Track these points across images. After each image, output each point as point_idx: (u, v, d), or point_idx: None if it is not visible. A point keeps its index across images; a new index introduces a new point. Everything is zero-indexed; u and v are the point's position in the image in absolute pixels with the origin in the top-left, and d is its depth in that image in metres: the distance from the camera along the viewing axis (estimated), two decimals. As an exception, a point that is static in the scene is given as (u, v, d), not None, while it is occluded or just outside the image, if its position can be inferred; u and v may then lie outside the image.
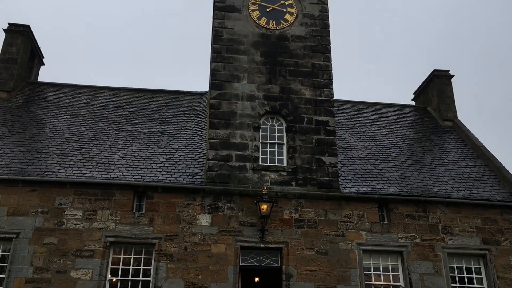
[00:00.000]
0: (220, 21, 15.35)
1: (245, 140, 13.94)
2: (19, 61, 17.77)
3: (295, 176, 13.65)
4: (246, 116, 14.21)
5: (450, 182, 14.93)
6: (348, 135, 17.21)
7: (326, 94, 14.80)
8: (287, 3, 15.89)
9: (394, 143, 17.05)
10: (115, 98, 18.22)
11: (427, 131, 18.34)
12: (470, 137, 17.56)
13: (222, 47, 14.99)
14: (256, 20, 15.44)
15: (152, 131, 16.03)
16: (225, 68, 14.71)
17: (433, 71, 20.16)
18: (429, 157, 16.34)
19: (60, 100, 17.55)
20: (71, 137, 15.19)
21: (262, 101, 14.46)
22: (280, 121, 14.48)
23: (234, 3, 15.63)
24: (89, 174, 13.38)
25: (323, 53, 15.33)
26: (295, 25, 15.62)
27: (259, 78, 14.72)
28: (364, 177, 14.68)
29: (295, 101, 14.58)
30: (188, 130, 16.27)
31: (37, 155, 14.00)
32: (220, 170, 13.46)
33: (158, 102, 18.20)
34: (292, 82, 14.80)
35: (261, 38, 15.26)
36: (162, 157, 14.57)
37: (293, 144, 14.05)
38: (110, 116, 16.79)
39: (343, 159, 15.48)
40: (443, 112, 19.22)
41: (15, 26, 18.34)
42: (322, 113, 14.56)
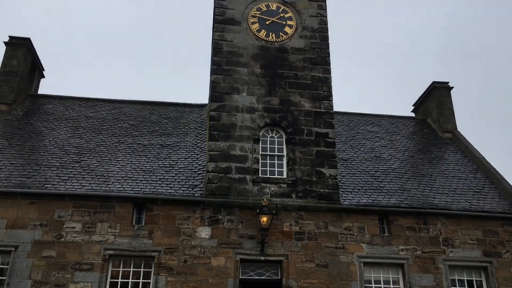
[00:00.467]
0: (220, 34, 15.43)
1: (245, 152, 13.94)
2: (19, 73, 17.84)
3: (295, 188, 13.63)
4: (245, 128, 14.23)
5: (451, 194, 14.90)
6: (348, 147, 17.21)
7: (326, 106, 14.83)
8: (286, 16, 15.99)
9: (394, 154, 17.05)
10: (115, 110, 18.26)
11: (427, 143, 18.35)
12: (470, 148, 17.57)
13: (222, 59, 15.05)
14: (256, 33, 15.53)
15: (152, 143, 16.03)
16: (225, 81, 14.76)
17: (432, 83, 20.23)
18: (429, 168, 16.33)
19: (60, 113, 17.58)
20: (70, 150, 15.19)
21: (262, 113, 14.49)
22: (280, 133, 14.49)
23: (234, 16, 15.73)
24: (89, 186, 13.35)
25: (322, 65, 15.39)
26: (294, 38, 15.70)
27: (258, 90, 14.77)
28: (364, 189, 14.65)
29: (295, 113, 14.60)
30: (188, 142, 16.28)
31: (36, 168, 13.98)
32: (220, 182, 13.43)
33: (158, 114, 18.23)
34: (291, 94, 14.84)
35: (261, 51, 15.33)
36: (162, 169, 14.56)
37: (293, 156, 14.05)
38: (110, 129, 16.81)
39: (343, 171, 15.46)
40: (442, 124, 19.25)
41: (15, 39, 18.44)
42: (322, 125, 14.58)
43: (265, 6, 16.03)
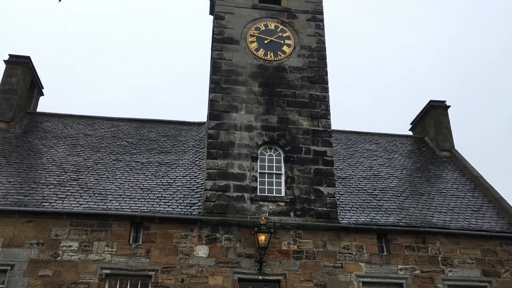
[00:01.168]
0: (219, 53, 15.55)
1: (243, 170, 13.94)
2: (18, 91, 17.90)
3: (293, 206, 13.59)
4: (244, 146, 14.25)
5: (449, 213, 14.87)
6: (346, 165, 17.22)
7: (324, 124, 14.88)
8: (284, 35, 16.14)
9: (392, 173, 17.06)
10: (114, 128, 18.28)
11: (424, 161, 18.38)
12: (468, 167, 17.59)
13: (221, 78, 15.14)
14: (254, 52, 15.66)
15: (150, 161, 16.02)
16: (223, 99, 14.83)
17: (429, 101, 20.35)
18: (427, 187, 16.33)
19: (59, 130, 17.60)
20: (68, 168, 15.16)
21: (260, 131, 14.53)
22: (278, 151, 14.51)
23: (233, 35, 15.88)
24: (86, 204, 13.30)
25: (320, 84, 15.49)
26: (292, 57, 15.83)
27: (257, 109, 14.83)
28: (363, 207, 14.62)
29: (293, 131, 14.65)
30: (186, 160, 16.27)
31: (34, 186, 13.94)
32: (218, 201, 13.40)
33: (156, 132, 18.26)
34: (290, 113, 14.90)
35: (259, 69, 15.44)
36: (160, 187, 14.53)
37: (291, 174, 14.04)
38: (108, 146, 16.81)
39: (341, 189, 15.44)
40: (440, 143, 19.30)
41: (15, 58, 18.55)
42: (320, 143, 14.61)
43: (263, 25, 16.19)
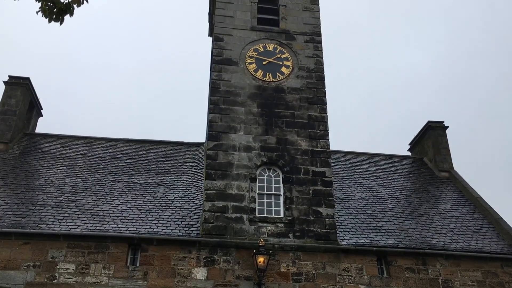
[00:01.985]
0: (218, 74, 15.65)
1: (241, 191, 13.88)
2: (17, 112, 17.94)
3: (292, 228, 13.49)
4: (242, 167, 14.22)
5: (449, 234, 14.78)
6: (345, 186, 17.17)
7: (323, 145, 14.89)
8: (283, 57, 16.27)
9: (391, 194, 17.00)
10: (112, 148, 18.27)
11: (424, 182, 18.34)
12: (467, 188, 17.55)
13: (219, 98, 15.20)
14: (253, 73, 15.75)
15: (148, 182, 15.97)
16: (222, 119, 14.86)
17: (427, 122, 20.41)
18: (426, 208, 16.26)
19: (57, 151, 17.58)
20: (66, 189, 15.10)
21: (258, 152, 14.52)
22: (277, 172, 14.47)
23: (232, 57, 16.00)
24: (83, 226, 13.20)
25: (319, 105, 15.55)
26: (291, 78, 15.92)
27: (255, 129, 14.85)
28: (362, 228, 14.53)
29: (292, 152, 14.64)
30: (184, 181, 16.22)
31: (31, 207, 13.85)
32: (216, 222, 13.30)
33: (155, 152, 18.24)
34: (288, 133, 14.92)
35: (258, 90, 15.51)
36: (158, 208, 14.44)
37: (290, 195, 13.98)
38: (106, 167, 16.77)
39: (340, 210, 15.37)
40: (439, 163, 19.29)
41: (15, 79, 18.63)
42: (318, 164, 14.59)
43: (262, 47, 16.33)
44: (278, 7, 17.37)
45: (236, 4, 16.99)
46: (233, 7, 16.90)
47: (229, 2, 16.92)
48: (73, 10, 5.48)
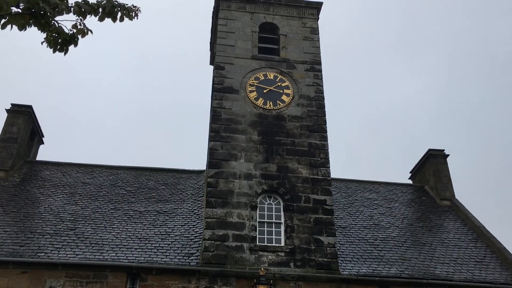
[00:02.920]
0: (219, 102, 15.75)
1: (242, 219, 13.79)
2: (19, 140, 17.98)
3: (293, 257, 13.35)
4: (243, 195, 14.16)
5: (452, 264, 14.59)
6: (346, 214, 17.06)
7: (323, 173, 14.86)
8: (283, 85, 16.41)
9: (393, 222, 16.88)
10: (112, 176, 18.23)
11: (425, 211, 18.23)
12: (470, 217, 17.43)
13: (220, 126, 15.27)
14: (254, 101, 15.86)
15: (148, 210, 15.88)
16: (223, 147, 14.88)
17: (428, 150, 20.42)
18: (429, 237, 16.11)
19: (57, 179, 17.55)
20: (65, 217, 15.00)
21: (259, 179, 14.49)
22: (278, 200, 14.41)
23: (233, 85, 16.14)
24: (82, 255, 13.06)
25: (319, 133, 15.60)
26: (291, 106, 16.02)
27: (256, 157, 14.86)
28: (364, 258, 14.36)
29: (292, 180, 14.61)
30: (184, 209, 16.13)
31: (30, 235, 13.74)
32: (216, 251, 13.17)
33: (155, 180, 18.20)
34: (289, 161, 14.91)
35: (259, 118, 15.59)
36: (158, 236, 14.32)
37: (290, 224, 13.88)
38: (106, 195, 16.70)
39: (342, 239, 15.23)
40: (440, 192, 19.21)
41: (17, 107, 18.75)
42: (319, 192, 14.54)
43: (262, 75, 16.49)
44: (278, 37, 17.63)
45: (238, 33, 17.25)
46: (235, 36, 17.17)
47: (230, 31, 17.19)
48: (78, 40, 5.56)
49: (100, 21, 5.83)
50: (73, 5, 5.64)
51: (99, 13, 5.77)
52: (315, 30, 17.89)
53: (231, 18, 17.58)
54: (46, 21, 5.44)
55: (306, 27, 17.93)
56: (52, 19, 5.47)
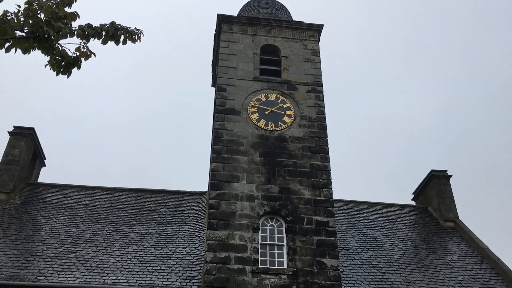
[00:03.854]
0: (220, 123, 15.77)
1: (244, 241, 13.66)
2: (20, 162, 17.97)
3: (296, 279, 13.17)
4: (245, 217, 14.06)
5: (457, 286, 14.39)
6: (349, 236, 16.91)
7: (326, 194, 14.79)
8: (285, 106, 16.46)
9: (396, 244, 16.71)
10: (114, 198, 18.17)
11: (429, 232, 18.07)
12: (474, 238, 17.26)
13: (222, 148, 15.26)
14: (255, 122, 15.89)
15: (149, 232, 15.77)
16: (224, 169, 14.85)
17: (431, 171, 20.34)
18: (433, 259, 15.93)
19: (59, 201, 17.48)
20: (66, 239, 14.90)
21: (261, 201, 14.41)
22: (280, 221, 14.30)
23: (234, 106, 16.19)
24: (83, 278, 12.92)
25: (321, 154, 15.57)
26: (293, 127, 16.04)
27: (258, 178, 14.81)
28: (368, 280, 14.18)
29: (295, 201, 14.52)
30: (186, 231, 16.02)
31: (30, 259, 13.62)
32: (218, 273, 13.01)
33: (157, 202, 18.12)
34: (291, 182, 14.85)
35: (260, 139, 15.59)
36: (159, 259, 14.19)
37: (293, 246, 13.75)
38: (107, 217, 16.61)
39: (345, 261, 15.06)
40: (443, 213, 19.07)
41: (19, 129, 18.80)
42: (322, 213, 14.44)
43: (264, 96, 16.55)
44: (280, 59, 17.76)
45: (239, 55, 17.39)
46: (236, 58, 17.29)
47: (232, 53, 17.33)
48: (81, 63, 5.60)
49: (103, 44, 5.88)
50: (76, 28, 5.69)
51: (102, 36, 5.82)
52: (316, 52, 18.03)
53: (233, 41, 17.74)
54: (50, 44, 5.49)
55: (307, 49, 18.07)
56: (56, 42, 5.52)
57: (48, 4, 5.56)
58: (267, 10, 20.03)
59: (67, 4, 5.86)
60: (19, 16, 5.44)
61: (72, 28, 5.63)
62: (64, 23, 5.54)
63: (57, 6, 5.61)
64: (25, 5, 5.52)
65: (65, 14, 5.66)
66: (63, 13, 5.64)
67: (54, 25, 5.44)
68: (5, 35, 5.32)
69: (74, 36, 5.68)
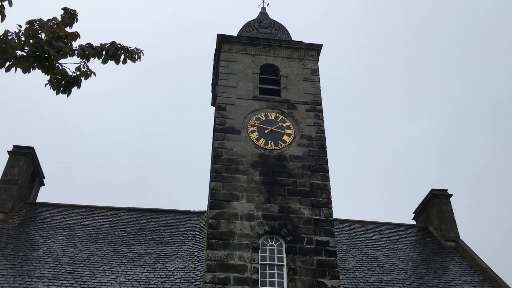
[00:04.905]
0: (220, 142, 15.76)
1: (243, 261, 13.52)
2: (19, 182, 17.90)
3: (296, 300, 12.99)
4: (245, 236, 13.94)
5: (459, 307, 14.22)
6: (349, 256, 16.75)
7: (326, 213, 14.69)
8: (284, 125, 16.47)
9: (397, 264, 16.54)
10: (113, 218, 18.04)
11: (430, 252, 17.90)
12: (475, 258, 17.09)
13: (222, 167, 15.21)
14: (255, 141, 15.87)
15: (148, 252, 15.61)
16: (224, 188, 14.78)
17: (431, 190, 20.25)
18: (434, 279, 15.74)
19: (57, 221, 17.35)
20: (64, 260, 14.74)
21: (261, 220, 14.30)
22: (280, 241, 14.17)
23: (234, 125, 16.20)
24: (80, 299, 12.75)
25: (321, 173, 15.51)
26: (293, 146, 16.02)
27: (258, 197, 14.73)
28: (369, 301, 14.00)
29: (295, 221, 14.42)
30: (185, 251, 15.86)
31: (28, 279, 13.45)
32: (217, 295, 12.84)
33: (156, 221, 17.98)
34: (291, 201, 14.77)
35: (260, 158, 15.55)
36: (158, 280, 14.02)
37: (293, 266, 13.60)
38: (106, 237, 16.47)
39: (346, 281, 14.89)
40: (444, 232, 18.93)
41: (19, 148, 18.77)
42: (322, 233, 14.32)
43: (264, 116, 16.58)
44: (279, 78, 17.83)
45: (239, 75, 17.47)
46: (236, 78, 17.37)
47: (232, 73, 17.41)
48: (81, 82, 5.61)
49: (104, 63, 5.89)
50: (77, 48, 5.71)
51: (102, 55, 5.84)
52: (315, 71, 18.12)
53: (233, 60, 17.85)
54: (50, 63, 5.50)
55: (307, 68, 18.17)
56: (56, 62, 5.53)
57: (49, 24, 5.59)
58: (267, 30, 20.21)
59: (68, 24, 5.90)
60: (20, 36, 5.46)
61: (72, 48, 5.64)
62: (64, 43, 5.56)
63: (58, 26, 5.64)
64: (26, 25, 5.54)
65: (66, 34, 5.68)
66: (64, 33, 5.67)
67: (54, 45, 5.45)
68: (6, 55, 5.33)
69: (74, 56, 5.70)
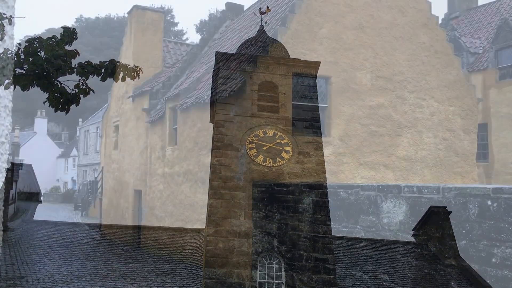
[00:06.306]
0: (218, 159, 15.74)
1: (242, 279, 13.38)
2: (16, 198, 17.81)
3: (295, 319, 12.86)
4: (243, 254, 13.83)
5: (460, 326, 14.07)
6: (348, 274, 16.59)
7: (324, 230, 14.62)
8: (283, 142, 16.46)
9: (397, 282, 16.36)
10: (110, 235, 17.91)
11: (430, 269, 17.76)
12: (475, 276, 16.95)
13: (220, 183, 15.17)
14: (253, 158, 15.85)
15: (145, 270, 15.45)
16: (222, 205, 14.72)
17: (430, 207, 20.16)
18: (435, 297, 15.61)
19: (54, 239, 17.20)
20: (60, 278, 14.56)
21: (259, 238, 14.22)
22: (278, 258, 14.07)
23: (232, 142, 16.19)
24: (76, 318, 12.57)
25: (319, 190, 15.48)
26: (291, 162, 16.00)
27: (256, 214, 14.66)
28: (369, 320, 13.84)
29: (293, 238, 14.33)
30: (183, 269, 15.71)
31: (23, 298, 13.28)
32: (215, 313, 12.70)
33: (153, 239, 17.85)
34: (289, 219, 14.69)
35: (258, 175, 15.52)
36: (155, 298, 13.85)
37: (291, 284, 13.47)
38: (103, 255, 16.31)
39: (345, 299, 14.74)
40: (444, 249, 18.82)
41: (16, 165, 18.71)
42: (320, 250, 14.22)
43: (262, 132, 16.58)
44: (277, 95, 17.89)
45: (237, 92, 17.52)
46: (235, 95, 17.42)
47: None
48: (79, 99, 5.65)
49: (102, 81, 5.93)
50: (76, 66, 5.75)
51: (101, 73, 5.88)
52: (314, 88, 18.20)
53: (231, 78, 17.93)
54: (49, 81, 5.53)
55: (305, 85, 18.26)
56: (55, 79, 5.56)
57: (49, 42, 5.64)
58: (265, 48, 20.37)
59: (67, 43, 5.95)
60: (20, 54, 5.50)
61: (71, 66, 5.69)
62: (64, 61, 5.60)
63: (57, 44, 5.69)
64: (25, 43, 5.59)
65: (65, 52, 5.73)
66: (63, 51, 5.71)
67: (54, 63, 5.50)
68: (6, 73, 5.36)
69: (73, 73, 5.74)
